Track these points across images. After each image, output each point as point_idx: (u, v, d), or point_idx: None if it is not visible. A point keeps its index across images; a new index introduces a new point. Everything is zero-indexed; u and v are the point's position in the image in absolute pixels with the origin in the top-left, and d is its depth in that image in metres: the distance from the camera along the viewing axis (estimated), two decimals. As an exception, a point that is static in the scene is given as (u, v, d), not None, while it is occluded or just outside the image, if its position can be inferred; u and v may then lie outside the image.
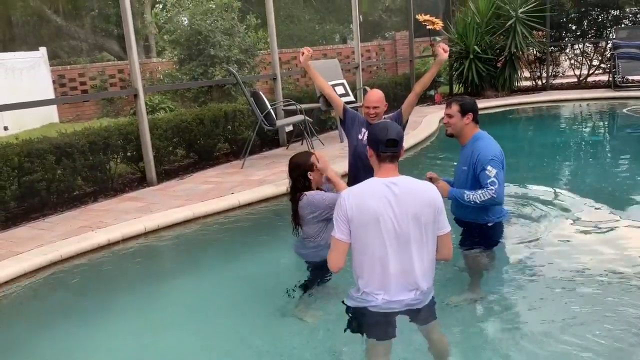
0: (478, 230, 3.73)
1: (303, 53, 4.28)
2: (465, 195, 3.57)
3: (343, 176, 4.37)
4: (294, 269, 3.60)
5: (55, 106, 12.12)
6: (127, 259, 4.28)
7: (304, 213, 3.40)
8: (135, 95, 6.04)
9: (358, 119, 4.34)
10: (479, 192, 3.51)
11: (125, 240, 4.47)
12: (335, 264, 2.61)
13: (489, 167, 3.49)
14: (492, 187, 3.47)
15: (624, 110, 9.88)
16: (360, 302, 2.61)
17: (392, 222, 2.48)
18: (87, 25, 14.37)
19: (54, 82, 12.24)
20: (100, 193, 5.89)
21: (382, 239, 2.50)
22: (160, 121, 6.62)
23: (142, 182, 6.30)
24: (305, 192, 3.40)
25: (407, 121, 4.38)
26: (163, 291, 3.78)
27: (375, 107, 4.14)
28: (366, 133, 4.20)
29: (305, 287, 3.35)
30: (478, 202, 3.53)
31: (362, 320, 2.62)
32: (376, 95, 4.20)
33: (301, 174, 3.42)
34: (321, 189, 3.55)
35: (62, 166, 5.49)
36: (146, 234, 4.60)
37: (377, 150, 2.58)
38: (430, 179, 3.60)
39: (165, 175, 6.55)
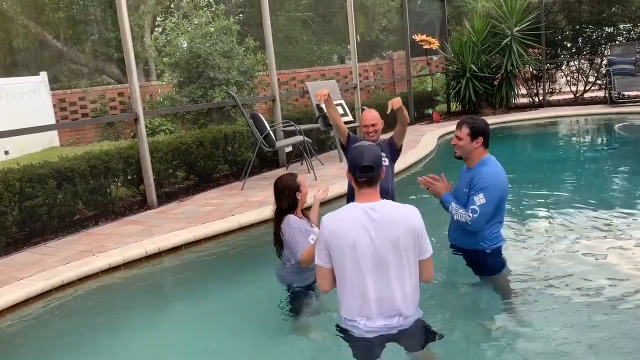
0: (477, 257, 3.67)
1: (323, 97, 4.30)
2: (452, 205, 3.58)
3: (343, 196, 4.39)
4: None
5: (56, 130, 12.19)
6: (128, 283, 4.29)
7: (283, 235, 3.46)
8: (136, 119, 6.10)
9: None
10: (462, 210, 3.51)
11: (126, 264, 4.48)
12: (322, 288, 2.68)
13: (480, 195, 3.43)
14: (470, 214, 3.45)
15: (615, 128, 9.99)
16: (345, 325, 2.64)
17: (369, 248, 2.48)
18: (88, 49, 14.53)
19: (54, 106, 12.33)
20: (101, 217, 5.91)
21: (359, 265, 2.50)
22: (160, 144, 6.66)
23: (142, 205, 6.32)
24: (289, 215, 3.47)
25: (401, 145, 4.49)
26: (165, 315, 3.78)
27: (373, 125, 4.31)
28: None
29: (297, 308, 3.40)
30: (455, 217, 3.55)
31: (349, 343, 2.64)
32: (372, 114, 4.38)
33: (290, 194, 3.50)
34: (305, 213, 3.68)
35: (63, 190, 5.51)
36: (147, 257, 4.61)
37: (354, 175, 2.59)
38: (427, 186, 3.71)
39: (165, 197, 6.58)
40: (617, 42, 12.40)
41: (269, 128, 6.95)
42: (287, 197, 3.51)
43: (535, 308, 3.31)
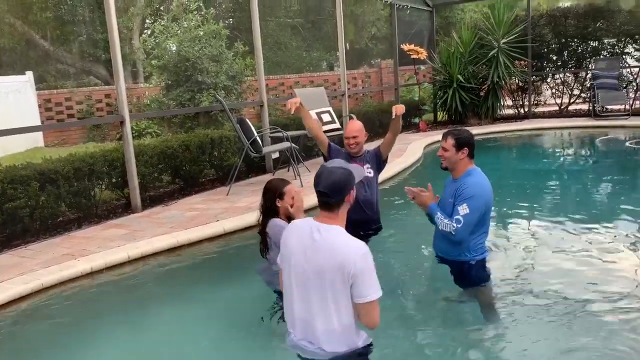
0: (461, 268, 3.70)
1: (294, 105, 4.27)
2: (437, 215, 3.61)
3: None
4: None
5: (41, 131, 12.08)
6: (110, 288, 4.25)
7: (268, 237, 3.51)
8: (122, 122, 6.06)
9: (341, 154, 4.38)
10: (446, 220, 3.54)
11: (108, 268, 4.44)
12: (281, 287, 2.69)
13: (464, 205, 3.47)
14: (454, 224, 3.48)
15: (596, 141, 10.15)
16: None
17: (302, 266, 2.46)
18: (75, 50, 14.42)
19: (39, 106, 12.21)
20: (84, 220, 5.85)
21: (291, 279, 2.51)
22: (146, 147, 6.63)
23: (126, 208, 6.27)
24: (274, 218, 3.49)
25: (387, 156, 4.50)
26: (146, 321, 3.74)
27: (354, 137, 4.31)
28: None
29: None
30: (440, 227, 3.59)
31: None
32: (356, 125, 4.38)
33: (271, 198, 3.53)
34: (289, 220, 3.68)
35: (46, 192, 5.45)
36: (130, 262, 4.57)
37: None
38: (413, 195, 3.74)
39: (150, 201, 6.54)
40: (601, 57, 12.59)
41: (256, 134, 6.95)
42: (267, 200, 3.55)
43: (519, 320, 3.34)
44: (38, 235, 5.34)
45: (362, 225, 4.23)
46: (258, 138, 7.00)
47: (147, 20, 16.31)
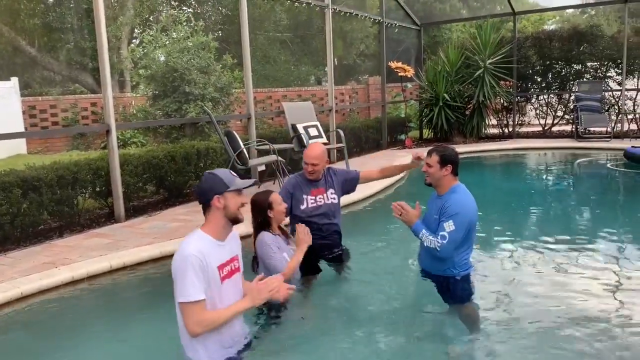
0: (447, 283, 3.73)
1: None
2: (422, 232, 3.64)
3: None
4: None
5: (24, 138, 11.94)
6: (91, 297, 4.19)
7: (257, 251, 3.59)
8: (108, 131, 6.02)
9: (297, 188, 4.26)
10: (431, 237, 3.58)
11: (90, 278, 4.38)
12: None
13: (449, 222, 3.51)
14: (439, 241, 3.52)
15: (575, 163, 10.33)
16: None
17: None
18: (62, 57, 14.33)
19: (24, 112, 12.08)
20: (66, 228, 5.77)
21: None
22: (131, 157, 6.58)
23: (110, 218, 6.21)
24: (263, 232, 3.58)
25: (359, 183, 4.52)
26: (126, 333, 3.68)
27: (313, 165, 4.17)
28: (307, 198, 4.23)
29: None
30: (425, 244, 3.62)
31: None
32: (317, 151, 4.20)
33: (261, 212, 3.60)
34: (283, 229, 3.79)
35: (28, 200, 5.38)
36: (112, 272, 4.52)
37: None
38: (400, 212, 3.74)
39: (133, 211, 6.48)
40: (584, 80, 12.83)
41: (242, 146, 6.94)
42: (258, 215, 3.60)
43: (502, 336, 3.35)
44: (19, 243, 5.25)
45: (324, 250, 4.22)
46: (245, 150, 6.99)
47: (136, 30, 16.29)
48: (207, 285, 2.57)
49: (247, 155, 7.08)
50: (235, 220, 2.72)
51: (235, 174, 2.79)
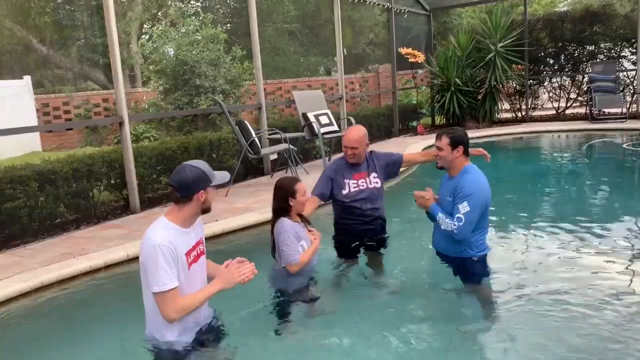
0: (464, 265, 3.72)
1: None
2: (438, 215, 3.64)
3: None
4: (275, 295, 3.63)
5: (38, 134, 12.07)
6: (109, 286, 4.23)
7: (275, 236, 3.57)
8: (121, 123, 6.06)
9: (338, 173, 4.17)
10: (447, 220, 3.57)
11: (107, 267, 4.43)
12: None
13: (464, 203, 3.50)
14: (455, 223, 3.51)
15: (593, 143, 10.20)
16: None
17: None
18: (74, 54, 14.44)
19: (37, 110, 12.21)
20: (83, 221, 5.84)
21: None
22: (144, 149, 6.63)
23: (125, 210, 6.26)
24: (282, 218, 3.55)
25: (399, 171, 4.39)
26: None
27: (353, 148, 4.06)
28: (349, 183, 4.14)
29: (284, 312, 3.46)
30: (442, 227, 3.61)
31: None
32: (356, 135, 4.07)
33: (283, 197, 3.57)
34: (304, 217, 3.75)
35: (44, 193, 5.45)
36: (129, 260, 4.56)
37: None
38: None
39: (149, 203, 6.53)
40: (598, 60, 12.65)
41: (254, 135, 6.96)
42: (280, 200, 3.58)
43: (518, 317, 3.34)
44: (37, 235, 5.33)
45: (366, 235, 4.18)
46: (256, 139, 7.01)
47: (145, 25, 16.35)
48: (178, 273, 2.62)
49: (259, 144, 7.10)
50: (207, 211, 2.80)
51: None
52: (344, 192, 4.12)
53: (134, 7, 14.51)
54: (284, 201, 3.57)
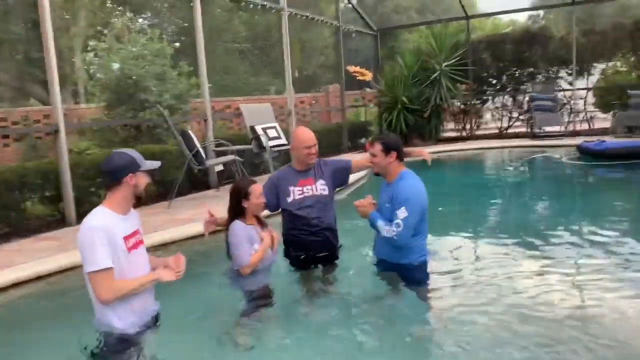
0: (405, 270, 3.71)
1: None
2: (378, 222, 3.62)
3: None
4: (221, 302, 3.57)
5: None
6: (39, 298, 3.99)
7: (228, 239, 3.54)
8: (56, 131, 5.81)
9: (283, 180, 4.00)
10: (387, 227, 3.56)
11: (38, 278, 4.18)
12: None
13: (402, 209, 3.49)
14: (394, 229, 3.50)
15: (532, 159, 10.56)
16: None
17: None
18: (12, 69, 13.91)
19: (-29, 126, 11.60)
20: (14, 235, 5.51)
21: None
22: (82, 160, 6.38)
23: (60, 224, 5.97)
24: (236, 220, 3.52)
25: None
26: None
27: (314, 145, 3.91)
28: (294, 190, 3.97)
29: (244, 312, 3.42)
30: (382, 234, 3.59)
31: None
32: (310, 132, 3.95)
33: (237, 199, 3.53)
34: (260, 219, 3.71)
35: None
36: (61, 272, 4.32)
37: None
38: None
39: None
40: (537, 81, 13.18)
41: (198, 145, 6.81)
42: (234, 201, 3.55)
43: (461, 317, 3.35)
44: (-40, 249, 4.99)
45: (313, 247, 3.96)
46: (201, 150, 6.86)
47: (91, 43, 15.97)
48: (115, 256, 2.69)
49: (203, 155, 6.95)
50: (139, 197, 2.90)
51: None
52: (289, 199, 3.92)
53: (78, 22, 14.16)
54: (237, 203, 3.52)
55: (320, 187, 3.98)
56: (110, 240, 2.68)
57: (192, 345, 3.11)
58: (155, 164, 2.96)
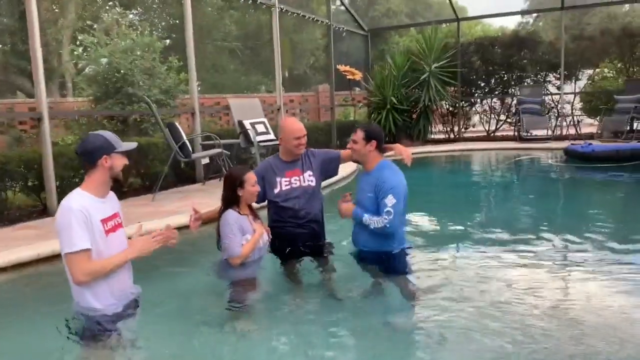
0: (385, 258, 3.72)
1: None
2: (364, 217, 3.63)
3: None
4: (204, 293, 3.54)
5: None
6: (16, 286, 3.92)
7: (219, 228, 3.49)
8: (40, 119, 5.73)
9: (269, 170, 3.91)
10: (375, 218, 3.58)
11: (15, 266, 4.10)
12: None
13: (389, 196, 3.53)
14: (386, 217, 3.53)
15: (519, 160, 10.62)
16: None
17: None
18: (-2, 61, 13.75)
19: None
20: (-7, 223, 5.43)
21: None
22: (65, 149, 6.29)
23: (42, 213, 5.88)
24: (229, 209, 3.46)
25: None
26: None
27: (304, 136, 3.86)
28: (281, 181, 3.90)
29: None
30: (372, 227, 3.59)
31: None
32: (299, 123, 3.91)
33: (232, 187, 3.47)
34: (253, 210, 3.67)
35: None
36: (38, 260, 4.24)
37: None
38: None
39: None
40: (525, 84, 13.27)
41: (184, 137, 6.75)
42: (229, 189, 3.49)
43: (442, 307, 3.33)
44: (-62, 236, 4.89)
45: (300, 239, 3.88)
46: (187, 142, 6.80)
47: (80, 37, 15.81)
48: (92, 238, 2.67)
49: (190, 147, 6.89)
50: (116, 179, 2.88)
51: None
52: (276, 190, 3.85)
53: (66, 14, 14.02)
54: (232, 191, 3.47)
55: (308, 178, 3.92)
56: (87, 222, 2.65)
57: (174, 332, 3.07)
58: (132, 145, 2.93)
